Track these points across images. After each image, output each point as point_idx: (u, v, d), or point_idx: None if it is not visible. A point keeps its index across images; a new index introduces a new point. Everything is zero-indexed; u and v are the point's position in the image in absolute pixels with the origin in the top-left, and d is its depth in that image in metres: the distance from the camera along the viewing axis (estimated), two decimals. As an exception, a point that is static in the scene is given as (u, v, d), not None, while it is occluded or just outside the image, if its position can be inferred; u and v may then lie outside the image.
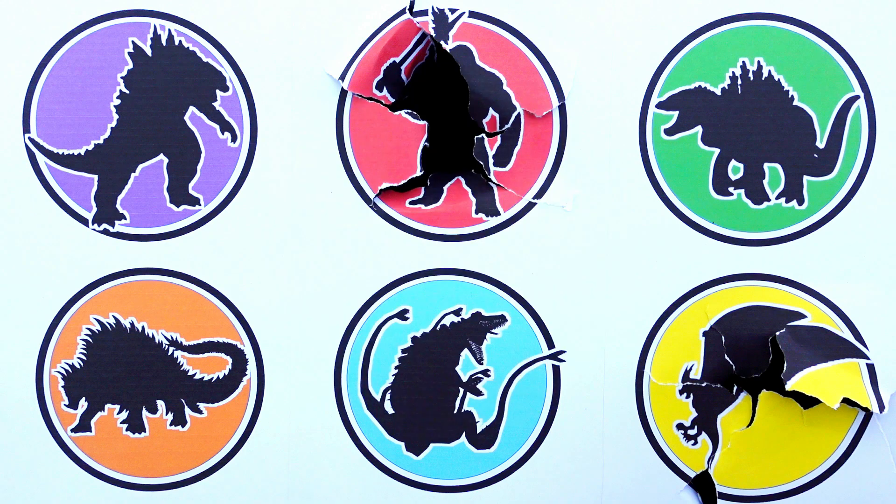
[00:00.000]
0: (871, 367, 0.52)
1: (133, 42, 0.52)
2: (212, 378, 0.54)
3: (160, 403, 0.54)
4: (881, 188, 0.52)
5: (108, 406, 0.54)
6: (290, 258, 0.53)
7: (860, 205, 0.52)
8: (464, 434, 0.54)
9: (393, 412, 0.54)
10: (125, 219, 0.53)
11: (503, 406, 0.54)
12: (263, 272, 0.53)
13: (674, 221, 0.53)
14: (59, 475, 0.54)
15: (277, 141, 0.53)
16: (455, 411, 0.54)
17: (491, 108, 0.52)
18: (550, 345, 0.54)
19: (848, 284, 0.53)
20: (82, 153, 0.53)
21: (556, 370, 0.54)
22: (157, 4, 0.52)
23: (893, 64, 0.52)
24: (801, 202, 0.53)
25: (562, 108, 0.53)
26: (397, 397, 0.54)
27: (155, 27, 0.52)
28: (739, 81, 0.52)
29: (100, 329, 0.53)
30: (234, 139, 0.53)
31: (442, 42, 0.52)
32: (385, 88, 0.53)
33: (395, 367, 0.54)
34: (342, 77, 0.52)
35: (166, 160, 0.53)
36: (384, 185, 0.53)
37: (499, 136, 0.52)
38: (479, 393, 0.54)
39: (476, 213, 0.53)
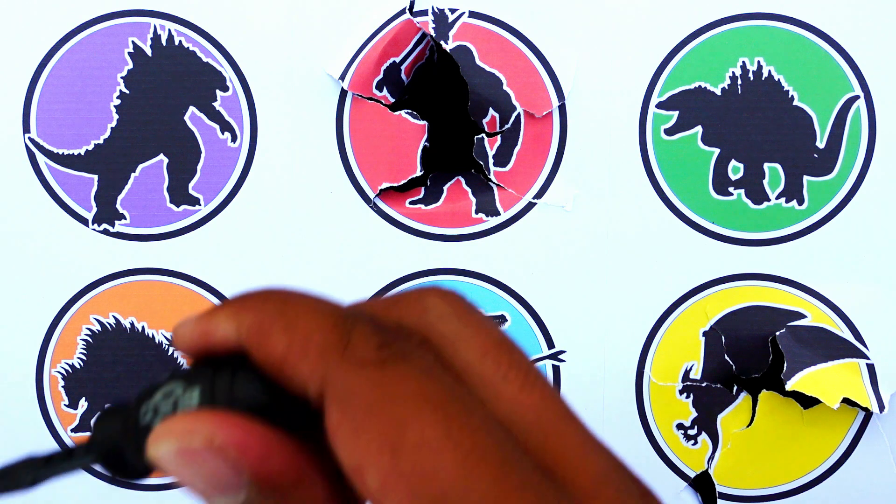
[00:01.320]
0: (870, 367, 0.52)
1: (133, 42, 0.52)
2: (212, 378, 0.54)
3: (160, 403, 0.54)
4: (881, 188, 0.52)
5: (108, 406, 0.54)
6: (290, 258, 0.53)
7: (860, 205, 0.52)
8: (464, 434, 0.54)
9: (393, 412, 0.54)
10: (125, 219, 0.53)
11: (503, 406, 0.54)
12: (263, 272, 0.53)
13: (674, 221, 0.53)
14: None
15: (277, 141, 0.53)
16: (455, 411, 0.54)
17: (491, 108, 0.52)
18: (550, 345, 0.54)
19: (848, 284, 0.53)
20: (82, 153, 0.53)
21: (556, 370, 0.54)
22: (157, 4, 0.52)
23: (893, 64, 0.52)
24: (801, 202, 0.53)
25: (562, 108, 0.53)
26: (397, 397, 0.54)
27: (155, 27, 0.52)
28: (739, 81, 0.52)
29: (100, 329, 0.53)
30: (234, 139, 0.53)
31: (442, 42, 0.52)
32: (385, 88, 0.53)
33: (395, 367, 0.54)
34: (342, 77, 0.52)
35: (166, 160, 0.53)
36: (384, 185, 0.53)
37: (499, 136, 0.52)
38: (479, 393, 0.54)
39: (476, 213, 0.53)
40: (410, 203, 0.54)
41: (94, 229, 0.53)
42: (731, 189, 0.53)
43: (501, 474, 0.14)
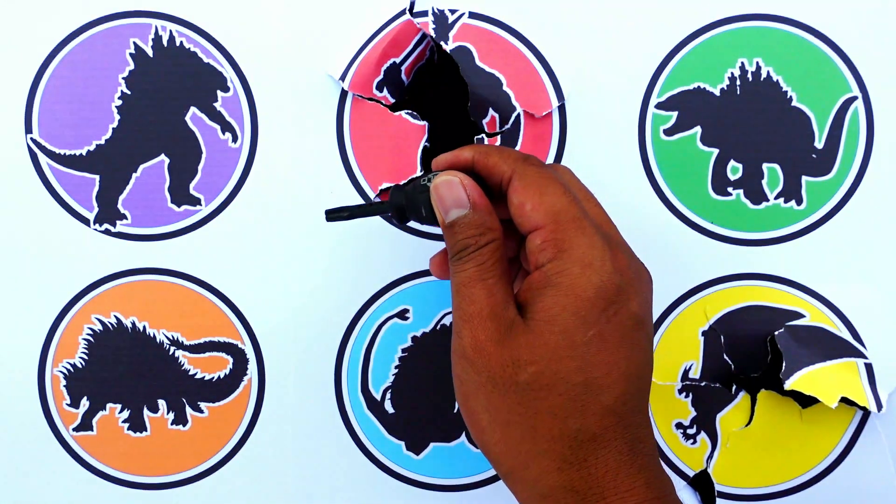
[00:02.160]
0: (868, 367, 0.52)
1: (134, 43, 0.53)
2: (213, 377, 0.54)
3: (161, 403, 0.54)
4: (878, 188, 0.52)
5: (109, 405, 0.54)
6: (291, 258, 0.53)
7: (858, 204, 0.53)
8: (464, 433, 0.54)
9: (393, 412, 0.54)
10: (126, 219, 0.53)
11: (503, 405, 0.54)
12: (264, 272, 0.53)
13: (673, 221, 0.53)
14: (62, 474, 0.54)
15: (278, 141, 0.53)
16: (455, 411, 0.54)
17: (491, 109, 0.52)
18: (550, 344, 0.54)
19: (846, 284, 0.53)
20: (84, 153, 0.53)
21: (556, 370, 0.54)
22: (159, 5, 0.53)
23: (891, 65, 0.52)
24: (799, 202, 0.53)
25: (561, 109, 0.53)
26: (397, 397, 0.54)
27: (156, 28, 0.53)
28: (738, 82, 0.52)
29: (101, 329, 0.54)
30: (234, 139, 0.53)
31: (442, 43, 0.52)
32: (385, 89, 0.53)
33: (396, 367, 0.54)
34: (342, 78, 0.52)
35: (167, 160, 0.53)
36: (384, 185, 0.53)
37: (499, 137, 0.53)
38: (478, 392, 0.54)
39: (476, 213, 0.53)
40: (410, 203, 0.54)
41: (95, 229, 0.53)
42: (729, 189, 0.53)
43: (583, 211, 0.35)
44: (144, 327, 0.54)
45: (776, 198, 0.53)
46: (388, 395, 0.54)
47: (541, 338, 0.33)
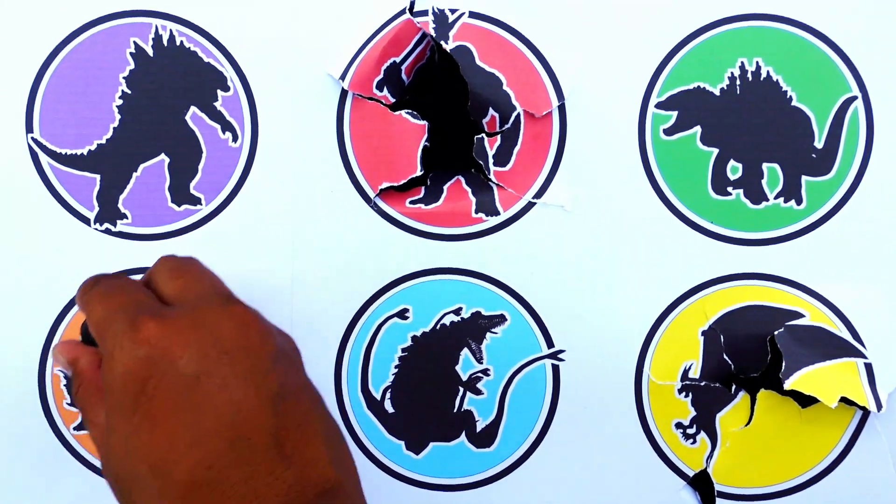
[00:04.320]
0: (868, 367, 0.52)
1: (135, 42, 0.53)
2: (212, 377, 0.54)
3: (161, 402, 0.54)
4: (878, 188, 0.52)
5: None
6: (291, 258, 0.53)
7: (858, 204, 0.53)
8: (463, 433, 0.55)
9: (393, 411, 0.54)
10: (127, 218, 0.53)
11: (503, 405, 0.54)
12: (264, 272, 0.53)
13: (673, 221, 0.53)
14: (64, 473, 0.54)
15: (278, 141, 0.53)
16: (455, 410, 0.54)
17: (491, 108, 0.52)
18: (550, 344, 0.54)
19: (846, 284, 0.53)
20: (85, 153, 0.53)
21: (556, 370, 0.54)
22: (159, 5, 0.53)
23: (890, 65, 0.52)
24: (799, 202, 0.53)
25: (561, 108, 0.53)
26: (397, 396, 0.54)
27: (157, 27, 0.53)
28: (738, 82, 0.52)
29: (102, 328, 0.54)
30: (235, 139, 0.53)
31: (442, 42, 0.52)
32: (385, 88, 0.53)
33: (395, 367, 0.54)
34: (343, 77, 0.52)
35: (168, 160, 0.53)
36: (384, 185, 0.53)
37: (498, 136, 0.53)
38: (478, 392, 0.54)
39: (476, 212, 0.54)
40: (410, 203, 0.54)
41: (96, 229, 0.53)
42: (729, 189, 0.53)
43: (118, 312, 0.34)
44: (145, 326, 0.54)
45: (776, 197, 0.53)
46: (387, 395, 0.54)
47: (105, 451, 0.33)
